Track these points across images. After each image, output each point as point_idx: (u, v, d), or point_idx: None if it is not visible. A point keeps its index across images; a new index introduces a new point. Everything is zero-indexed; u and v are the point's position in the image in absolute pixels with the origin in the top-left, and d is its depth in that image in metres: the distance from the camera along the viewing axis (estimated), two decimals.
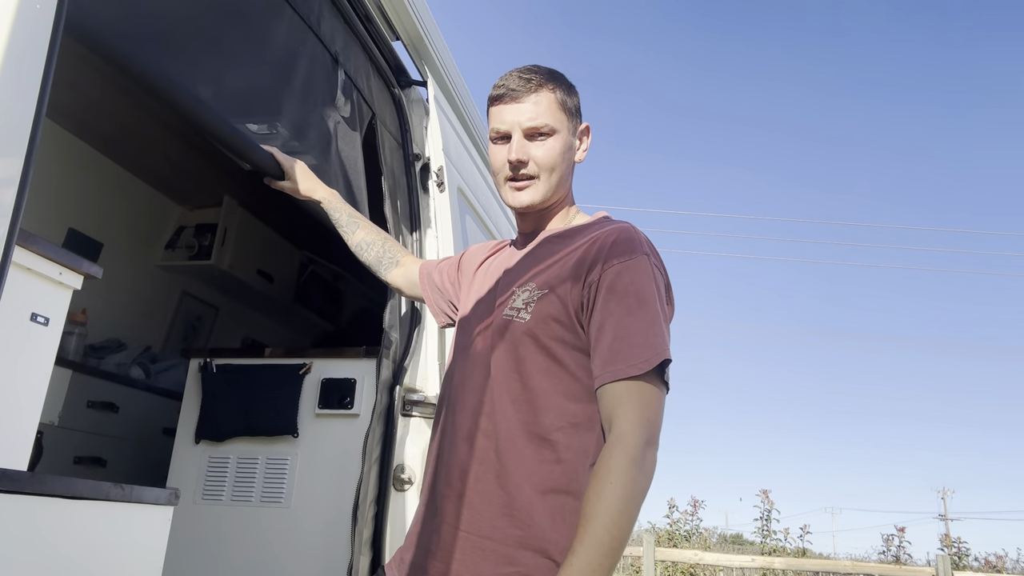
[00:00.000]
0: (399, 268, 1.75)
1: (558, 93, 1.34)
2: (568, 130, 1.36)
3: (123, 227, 3.47)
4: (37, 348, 1.34)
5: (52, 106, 2.82)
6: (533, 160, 1.32)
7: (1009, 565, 11.62)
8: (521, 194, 1.34)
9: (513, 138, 1.33)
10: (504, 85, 1.34)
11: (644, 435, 1.11)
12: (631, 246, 1.24)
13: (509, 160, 1.32)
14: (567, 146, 1.35)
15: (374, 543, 1.92)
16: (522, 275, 1.32)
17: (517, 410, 1.22)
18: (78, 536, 1.21)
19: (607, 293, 1.20)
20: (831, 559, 10.96)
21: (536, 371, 1.22)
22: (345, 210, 1.81)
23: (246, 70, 1.84)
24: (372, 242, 1.77)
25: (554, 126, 1.32)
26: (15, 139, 0.88)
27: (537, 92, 1.32)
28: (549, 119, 1.32)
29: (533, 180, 1.33)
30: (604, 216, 1.41)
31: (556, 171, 1.33)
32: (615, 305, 1.19)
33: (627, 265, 1.21)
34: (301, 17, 1.97)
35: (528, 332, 1.23)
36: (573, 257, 1.27)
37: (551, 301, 1.24)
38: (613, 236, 1.26)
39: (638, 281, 1.20)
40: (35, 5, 0.91)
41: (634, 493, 1.08)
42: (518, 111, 1.32)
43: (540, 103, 1.32)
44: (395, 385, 2.07)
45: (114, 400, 2.92)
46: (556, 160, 1.33)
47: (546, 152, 1.32)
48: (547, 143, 1.32)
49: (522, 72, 1.34)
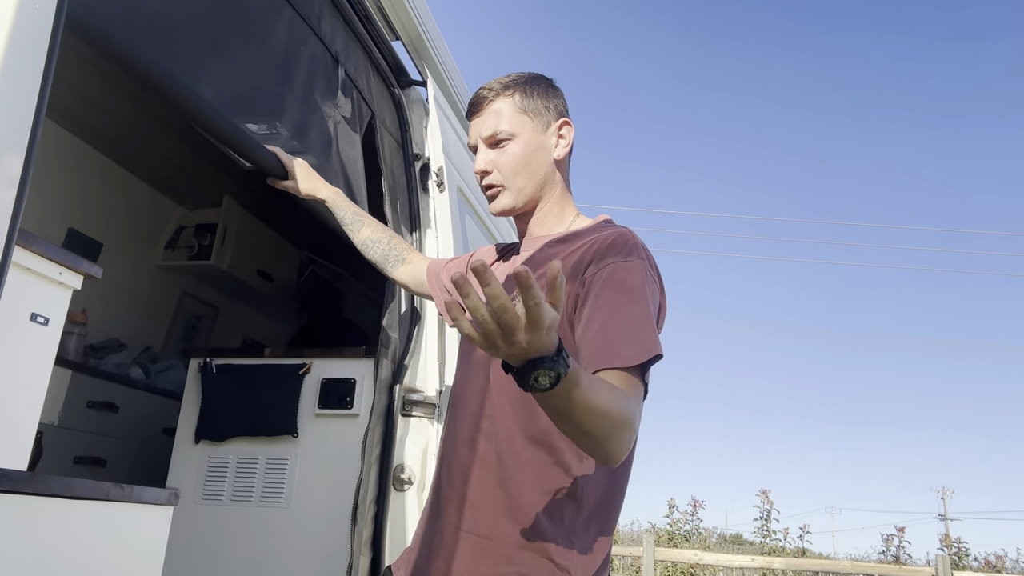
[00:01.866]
0: (406, 265, 1.76)
1: (516, 97, 1.37)
2: (532, 130, 1.36)
3: (123, 227, 3.47)
4: (37, 348, 1.35)
5: (52, 106, 2.83)
6: (496, 168, 1.36)
7: (1009, 565, 11.62)
8: (494, 203, 1.40)
9: (478, 151, 1.39)
10: (470, 101, 1.41)
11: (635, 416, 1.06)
12: (627, 248, 1.24)
13: (475, 172, 1.40)
14: (533, 147, 1.36)
15: (374, 543, 1.93)
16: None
17: (516, 414, 1.23)
18: (78, 536, 1.21)
19: (600, 289, 1.19)
20: (831, 559, 10.95)
21: None
22: (350, 208, 1.82)
23: (246, 70, 1.84)
24: (378, 240, 1.78)
25: (512, 131, 1.35)
26: (15, 139, 0.88)
27: (493, 102, 1.37)
28: (506, 125, 1.35)
29: (500, 187, 1.37)
30: (605, 220, 1.41)
31: (521, 174, 1.36)
32: (605, 301, 1.18)
33: (621, 265, 1.21)
34: (301, 17, 1.97)
35: None
36: (571, 260, 1.27)
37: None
38: (611, 239, 1.26)
39: (631, 280, 1.20)
40: (35, 5, 0.91)
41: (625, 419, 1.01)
42: (479, 124, 1.38)
43: (499, 111, 1.36)
44: (394, 385, 2.07)
45: (114, 400, 2.92)
46: (519, 164, 1.35)
47: (507, 158, 1.35)
48: (507, 149, 1.35)
49: (484, 85, 1.40)
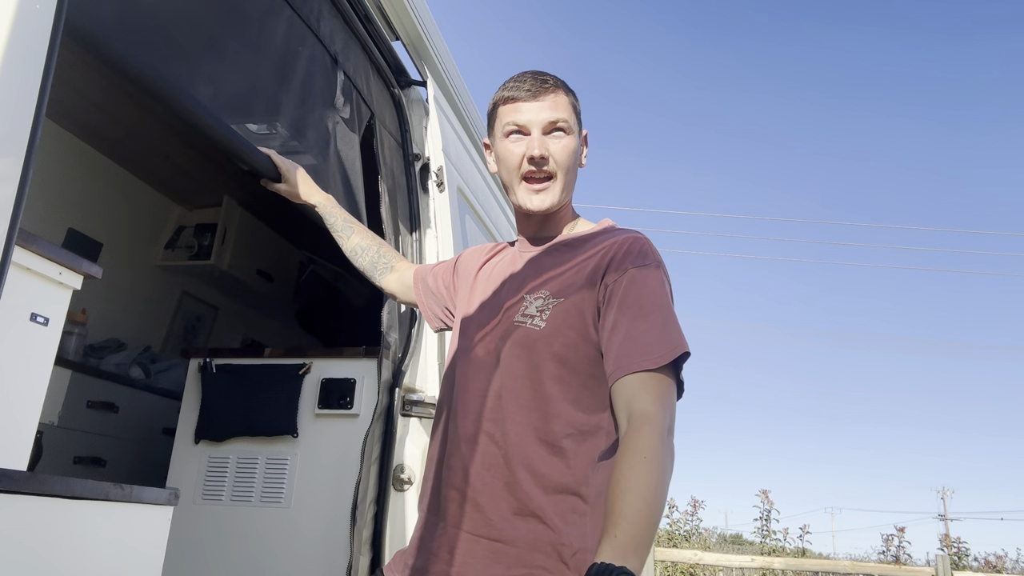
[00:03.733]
0: (394, 273, 1.75)
1: (572, 97, 1.38)
2: (577, 132, 1.38)
3: (123, 227, 3.47)
4: (37, 348, 1.35)
5: (52, 106, 2.83)
6: (552, 157, 1.32)
7: (1009, 565, 11.62)
8: (539, 196, 1.33)
9: (533, 134, 1.32)
10: (519, 86, 1.34)
11: (668, 419, 1.09)
12: (644, 255, 1.26)
13: (531, 156, 1.31)
14: (577, 147, 1.37)
15: (374, 543, 1.93)
16: (531, 281, 1.32)
17: (527, 416, 1.22)
18: (78, 536, 1.21)
19: (623, 296, 1.21)
20: (831, 559, 10.95)
21: (548, 378, 1.22)
22: (340, 215, 1.81)
23: (245, 70, 1.84)
24: (367, 247, 1.77)
25: (571, 125, 1.35)
26: (15, 139, 0.88)
27: (555, 92, 1.34)
28: (568, 117, 1.34)
29: (551, 180, 1.33)
30: (611, 224, 1.42)
31: (571, 170, 1.36)
32: (629, 306, 1.19)
33: (641, 271, 1.23)
34: (300, 17, 1.97)
35: (543, 339, 1.23)
36: (588, 265, 1.27)
37: (566, 309, 1.24)
38: (627, 244, 1.27)
39: (651, 285, 1.22)
40: (35, 5, 0.91)
41: (666, 469, 1.03)
42: (538, 108, 1.32)
43: (561, 103, 1.34)
44: (395, 385, 2.07)
45: (114, 400, 2.92)
46: (571, 159, 1.34)
47: (563, 148, 1.32)
48: (563, 140, 1.33)
49: (536, 73, 1.36)
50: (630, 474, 1.01)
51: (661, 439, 1.05)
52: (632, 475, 1.01)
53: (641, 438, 1.05)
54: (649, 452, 1.03)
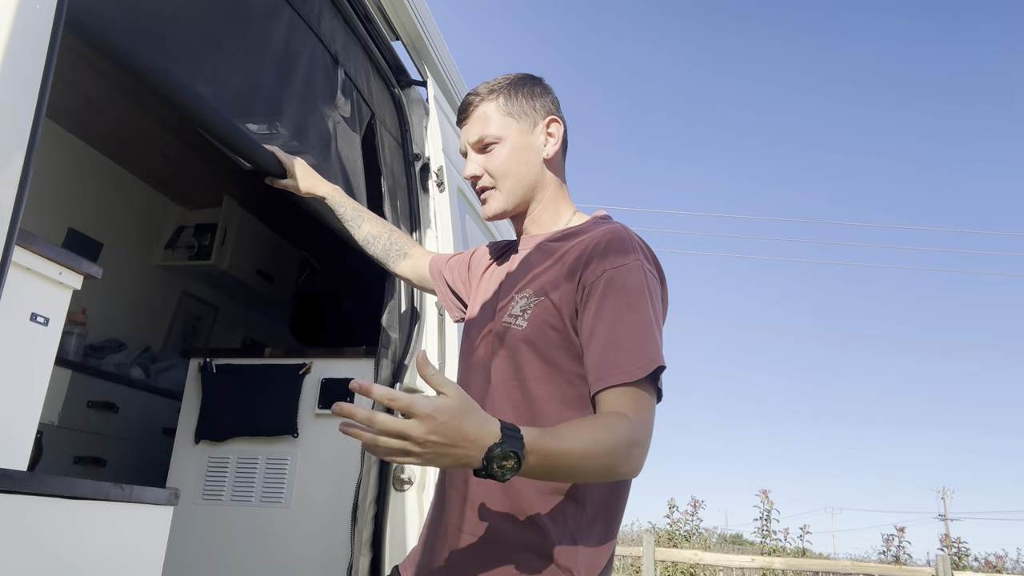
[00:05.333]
0: (408, 260, 1.77)
1: (500, 100, 1.38)
2: (519, 132, 1.37)
3: (123, 227, 3.47)
4: (37, 348, 1.35)
5: (52, 106, 2.83)
6: (486, 171, 1.38)
7: (1009, 565, 11.62)
8: (486, 206, 1.41)
9: (469, 155, 1.41)
10: (459, 108, 1.44)
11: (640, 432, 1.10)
12: (623, 249, 1.23)
13: (464, 177, 1.43)
14: (520, 148, 1.37)
15: (374, 543, 1.93)
16: (520, 280, 1.33)
17: (517, 416, 1.22)
18: (78, 536, 1.21)
19: (600, 298, 1.19)
20: (831, 559, 10.95)
21: (533, 378, 1.23)
22: (350, 204, 1.82)
23: (246, 70, 1.84)
24: (379, 235, 1.79)
25: (498, 134, 1.36)
26: (15, 139, 0.88)
27: (478, 107, 1.39)
28: (491, 129, 1.37)
29: (491, 190, 1.39)
30: (600, 216, 1.41)
31: (510, 176, 1.37)
32: (607, 311, 1.18)
33: (619, 270, 1.21)
34: (301, 17, 1.97)
35: (525, 339, 1.24)
36: (567, 261, 1.27)
37: (546, 307, 1.24)
38: (606, 239, 1.25)
39: (630, 285, 1.20)
40: (35, 5, 0.91)
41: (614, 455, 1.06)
42: (466, 131, 1.41)
43: (483, 116, 1.38)
44: (395, 384, 2.07)
45: (114, 400, 2.92)
46: (507, 166, 1.36)
47: (495, 161, 1.37)
48: (495, 152, 1.37)
49: (472, 90, 1.42)
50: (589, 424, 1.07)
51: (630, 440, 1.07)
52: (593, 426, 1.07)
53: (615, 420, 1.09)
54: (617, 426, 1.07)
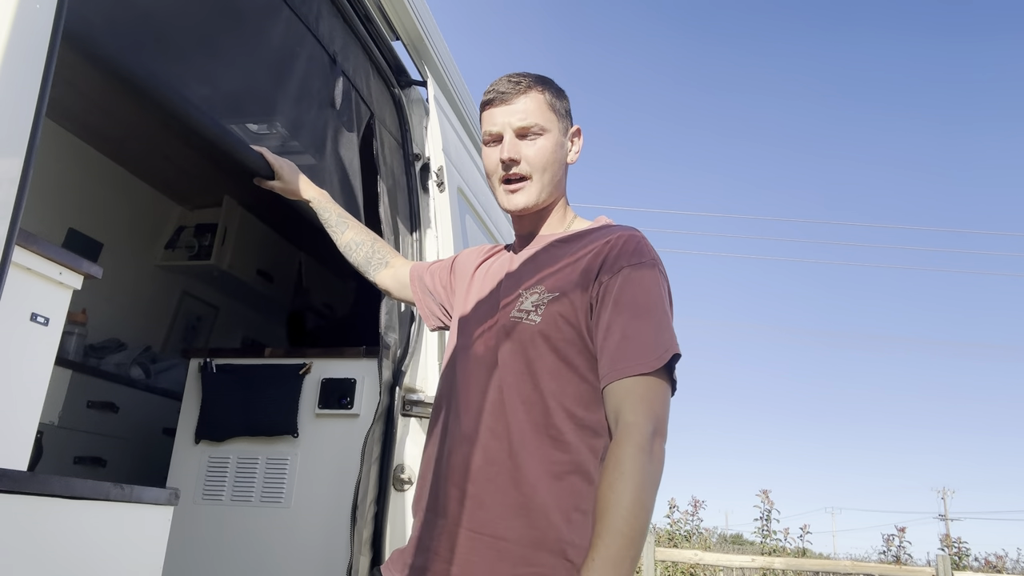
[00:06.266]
0: (388, 269, 1.76)
1: (547, 94, 1.37)
2: (558, 130, 1.38)
3: (123, 227, 3.47)
4: (37, 348, 1.35)
5: (52, 106, 2.83)
6: (525, 159, 1.34)
7: (1009, 565, 11.61)
8: (515, 196, 1.36)
9: (505, 138, 1.35)
10: (494, 89, 1.38)
11: (651, 425, 1.12)
12: (640, 253, 1.26)
13: (501, 159, 1.34)
14: (558, 146, 1.37)
15: (374, 543, 1.92)
16: (527, 278, 1.33)
17: (528, 411, 1.22)
18: (78, 536, 1.21)
19: (617, 296, 1.21)
20: (831, 559, 10.95)
21: (546, 373, 1.23)
22: (335, 210, 1.81)
23: (244, 70, 1.85)
24: (361, 243, 1.77)
25: (544, 125, 1.35)
26: (15, 139, 0.88)
27: (526, 93, 1.35)
28: (539, 118, 1.35)
29: (526, 181, 1.35)
30: (606, 221, 1.42)
31: (548, 170, 1.35)
32: (623, 307, 1.20)
33: (636, 271, 1.23)
34: (299, 17, 1.97)
35: (540, 333, 1.24)
36: (583, 262, 1.28)
37: (562, 304, 1.25)
38: (622, 241, 1.28)
39: (646, 285, 1.22)
40: (35, 5, 0.91)
41: (646, 482, 1.08)
42: (509, 112, 1.35)
43: (530, 103, 1.35)
44: (395, 385, 2.07)
45: (114, 400, 2.92)
46: (548, 159, 1.35)
47: (537, 151, 1.34)
48: (538, 142, 1.34)
49: (511, 76, 1.38)
50: (609, 493, 1.08)
51: (641, 450, 1.10)
52: (611, 493, 1.08)
53: (621, 452, 1.10)
54: (628, 467, 1.09)
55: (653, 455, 1.11)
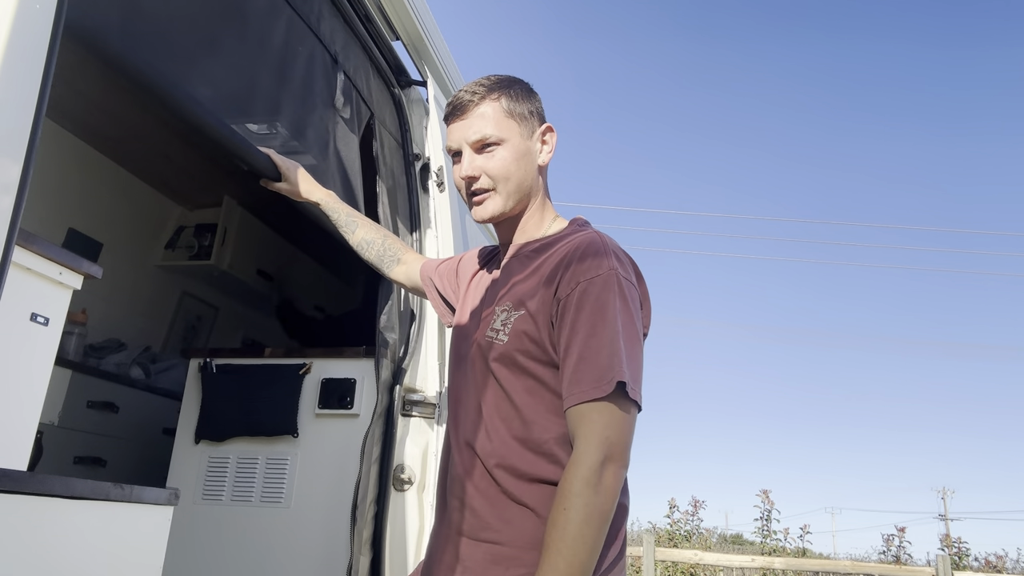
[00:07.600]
0: (401, 265, 1.78)
1: (503, 101, 1.34)
2: (520, 135, 1.35)
3: (123, 227, 3.47)
4: (37, 348, 1.35)
5: (52, 106, 2.83)
6: (485, 173, 1.33)
7: (1009, 565, 11.61)
8: (480, 208, 1.36)
9: (463, 155, 1.35)
10: (451, 103, 1.37)
11: (599, 454, 1.12)
12: (596, 260, 1.23)
13: (462, 177, 1.35)
14: (520, 152, 1.35)
15: (374, 543, 1.93)
16: (500, 291, 1.34)
17: (508, 426, 1.24)
18: (78, 536, 1.21)
19: (574, 312, 1.20)
20: (831, 559, 10.95)
21: (519, 390, 1.24)
22: (343, 210, 1.82)
23: (245, 70, 1.84)
24: (372, 240, 1.79)
25: (501, 135, 1.33)
26: (15, 139, 0.88)
27: (479, 105, 1.33)
28: (494, 129, 1.32)
29: (489, 192, 1.34)
30: (577, 223, 1.40)
31: (512, 179, 1.34)
32: (580, 325, 1.19)
33: (591, 282, 1.21)
34: (300, 17, 1.97)
35: (507, 354, 1.25)
36: (543, 271, 1.27)
37: (524, 320, 1.25)
38: (580, 251, 1.25)
39: (602, 299, 1.20)
40: (35, 5, 0.91)
41: (589, 515, 1.08)
42: (464, 127, 1.34)
43: (485, 115, 1.33)
44: (395, 385, 2.07)
45: (114, 400, 2.92)
46: (509, 169, 1.33)
47: (496, 162, 1.33)
48: (496, 153, 1.33)
49: (467, 87, 1.36)
50: (552, 529, 1.10)
51: (587, 483, 1.10)
52: (553, 530, 1.09)
53: (567, 486, 1.11)
54: (571, 502, 1.09)
55: (600, 486, 1.10)
